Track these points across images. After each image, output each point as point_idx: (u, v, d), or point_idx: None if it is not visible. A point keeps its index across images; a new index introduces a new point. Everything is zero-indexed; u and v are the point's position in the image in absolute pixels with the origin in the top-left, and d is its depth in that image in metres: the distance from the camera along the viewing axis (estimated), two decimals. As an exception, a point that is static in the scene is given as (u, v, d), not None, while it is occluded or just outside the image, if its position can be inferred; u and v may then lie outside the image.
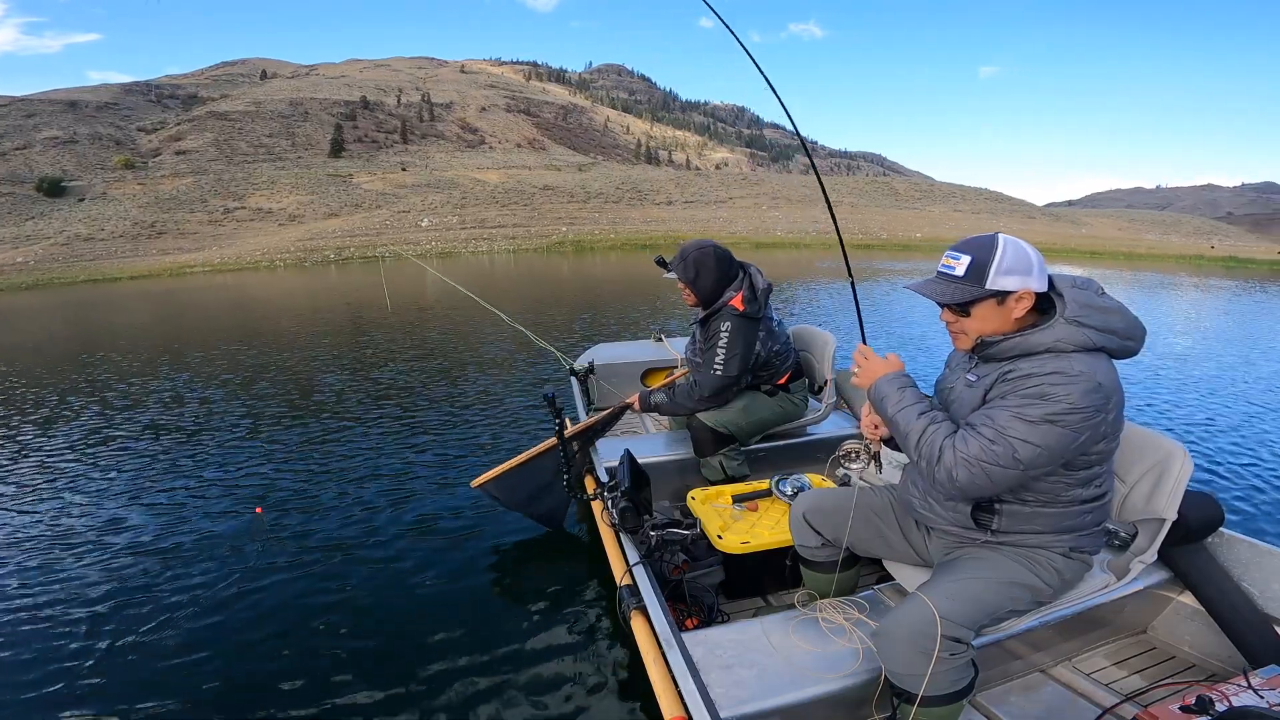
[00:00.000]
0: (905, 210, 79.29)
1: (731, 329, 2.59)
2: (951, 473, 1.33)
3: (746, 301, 2.59)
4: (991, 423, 1.32)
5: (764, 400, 2.80)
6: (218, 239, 53.09)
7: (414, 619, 2.52)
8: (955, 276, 1.38)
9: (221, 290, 21.73)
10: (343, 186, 71.71)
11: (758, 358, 2.68)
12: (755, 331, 2.64)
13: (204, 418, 5.50)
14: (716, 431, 2.71)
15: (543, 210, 64.75)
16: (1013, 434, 1.29)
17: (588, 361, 4.06)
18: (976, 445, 1.32)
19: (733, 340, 2.58)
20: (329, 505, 3.59)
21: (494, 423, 5.05)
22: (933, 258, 32.05)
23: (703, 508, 2.33)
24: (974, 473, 1.31)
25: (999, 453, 1.29)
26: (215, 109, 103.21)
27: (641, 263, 26.50)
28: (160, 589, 2.81)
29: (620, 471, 2.31)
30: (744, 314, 2.59)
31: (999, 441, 1.29)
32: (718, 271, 2.62)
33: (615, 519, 2.13)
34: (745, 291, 2.61)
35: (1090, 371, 1.29)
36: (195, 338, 10.68)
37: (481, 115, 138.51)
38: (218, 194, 65.94)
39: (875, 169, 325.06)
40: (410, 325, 10.56)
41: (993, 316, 1.39)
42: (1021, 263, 1.34)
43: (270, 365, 7.69)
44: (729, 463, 2.75)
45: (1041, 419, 1.27)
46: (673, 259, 2.67)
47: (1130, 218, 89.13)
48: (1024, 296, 1.35)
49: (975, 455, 1.31)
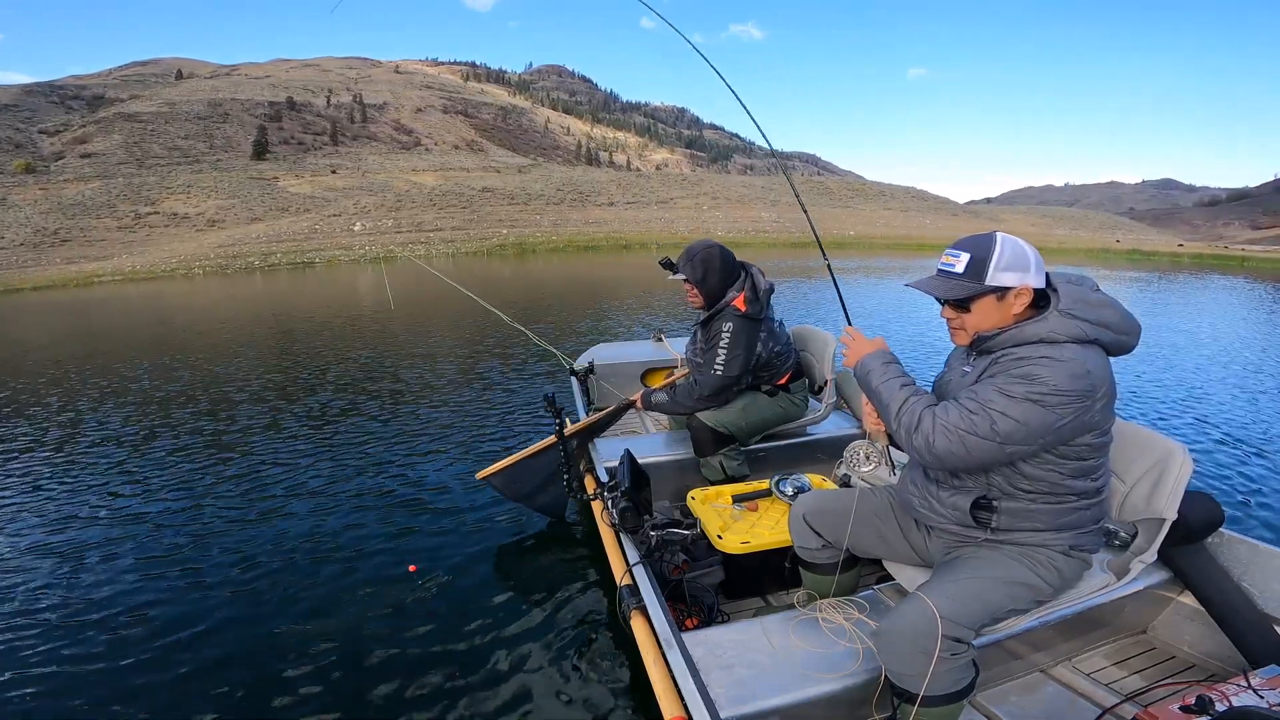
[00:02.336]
0: (839, 209, 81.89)
1: (733, 330, 2.59)
2: (929, 439, 1.35)
3: (749, 302, 2.60)
4: (975, 396, 1.36)
5: (764, 400, 2.80)
6: (129, 246, 49.63)
7: (413, 619, 2.51)
8: (955, 273, 1.41)
9: (138, 300, 20.32)
10: (267, 190, 68.28)
11: (759, 358, 2.69)
12: (757, 332, 2.66)
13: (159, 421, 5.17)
14: (716, 431, 2.71)
15: (482, 213, 63.57)
16: (993, 406, 1.31)
17: (588, 361, 4.06)
18: (957, 414, 1.34)
19: (734, 341, 2.59)
20: (327, 505, 3.58)
21: (494, 422, 5.01)
22: (865, 254, 33.32)
23: (703, 508, 2.33)
24: (951, 440, 1.33)
25: (977, 422, 1.32)
26: (124, 110, 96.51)
27: (586, 265, 26.43)
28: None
29: (620, 471, 2.30)
30: (746, 315, 2.60)
31: (979, 413, 1.32)
32: (723, 271, 2.63)
33: (615, 519, 2.12)
34: (748, 292, 2.62)
35: (1080, 359, 1.31)
36: (110, 349, 9.97)
37: (417, 116, 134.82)
38: (127, 199, 61.67)
39: (810, 169, 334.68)
40: (408, 326, 10.35)
41: (992, 312, 1.41)
42: (1020, 260, 1.37)
43: (255, 369, 7.28)
44: (729, 463, 2.75)
45: (1023, 396, 1.29)
46: (679, 259, 2.67)
47: (1042, 214, 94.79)
48: (1022, 293, 1.38)
49: (954, 423, 1.33)
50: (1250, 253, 42.44)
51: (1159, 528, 1.67)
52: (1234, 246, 59.14)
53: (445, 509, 3.48)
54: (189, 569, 2.97)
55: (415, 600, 2.63)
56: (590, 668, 2.21)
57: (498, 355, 7.71)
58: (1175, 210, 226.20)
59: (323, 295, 18.28)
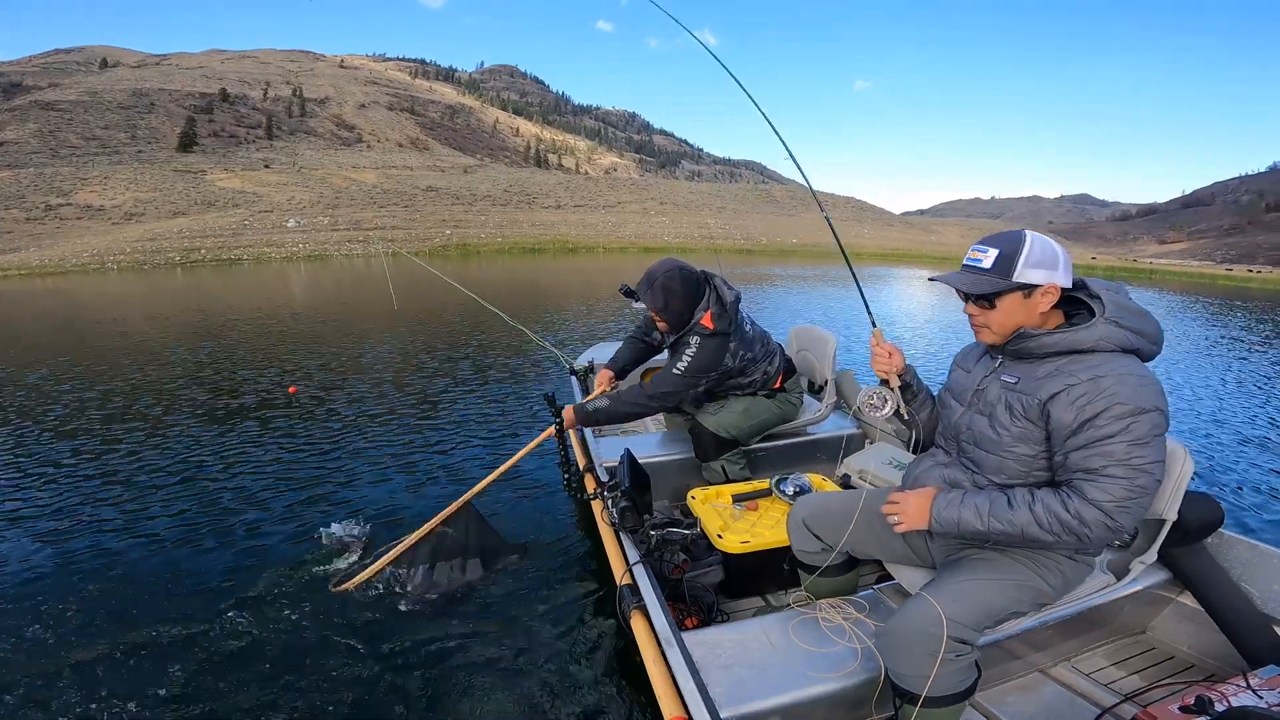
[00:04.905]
0: (783, 217, 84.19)
1: (699, 344, 2.55)
2: (1106, 524, 1.28)
3: (716, 318, 2.55)
4: (1111, 458, 1.28)
5: (764, 403, 2.79)
6: (37, 238, 46.35)
7: (413, 618, 2.47)
8: (982, 269, 1.37)
9: (47, 296, 19.03)
10: (192, 183, 64.95)
11: (728, 369, 2.64)
12: (726, 344, 2.59)
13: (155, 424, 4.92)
14: (719, 436, 2.69)
15: (425, 212, 62.34)
16: (1140, 461, 1.26)
17: (588, 361, 4.02)
18: (1117, 487, 1.27)
19: (699, 353, 2.55)
20: (320, 508, 3.47)
21: (494, 424, 4.95)
22: (808, 263, 33.86)
23: (703, 507, 2.31)
24: (1131, 510, 1.27)
25: (1144, 484, 1.27)
26: (42, 98, 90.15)
27: (528, 267, 26.07)
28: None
29: (620, 471, 2.27)
30: (714, 332, 2.55)
31: (1137, 474, 1.26)
32: (685, 296, 2.55)
33: (615, 519, 2.09)
34: (714, 308, 2.56)
35: (1147, 373, 1.31)
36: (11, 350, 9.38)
37: (360, 112, 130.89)
38: (38, 189, 57.63)
39: (756, 177, 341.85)
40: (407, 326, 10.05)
41: (1017, 310, 1.37)
42: (1048, 257, 1.33)
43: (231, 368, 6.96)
44: (731, 467, 2.74)
45: (1149, 435, 1.26)
46: (638, 286, 2.60)
47: (970, 225, 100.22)
48: (1049, 291, 1.34)
49: (1123, 497, 1.26)
50: (1157, 265, 45.86)
51: (1159, 528, 1.66)
52: (1143, 260, 63.82)
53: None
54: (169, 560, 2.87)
55: (414, 599, 2.57)
56: (590, 667, 2.18)
57: (483, 352, 7.72)
58: (1090, 225, 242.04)
59: (248, 292, 17.60)
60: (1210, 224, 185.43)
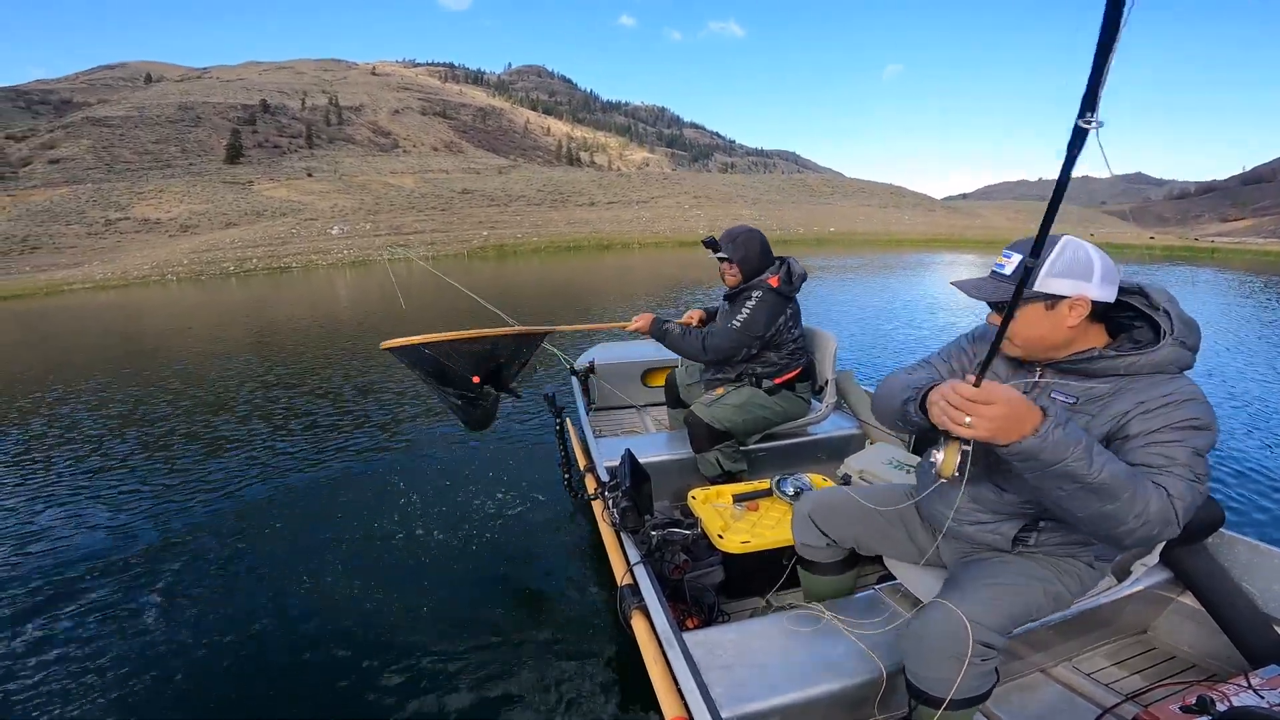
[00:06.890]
0: (819, 205, 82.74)
1: (761, 297, 2.69)
2: (1167, 517, 1.18)
3: (782, 282, 2.73)
4: (1174, 461, 1.21)
5: (763, 398, 2.80)
6: (99, 253, 48.70)
7: (412, 618, 2.48)
8: (1004, 275, 1.27)
9: (108, 309, 19.83)
10: (241, 194, 67.44)
11: (776, 333, 2.75)
12: (783, 307, 2.73)
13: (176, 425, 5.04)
14: (712, 428, 2.73)
15: (462, 214, 63.29)
16: (1200, 470, 1.23)
17: (589, 361, 4.02)
18: (1183, 486, 1.20)
19: (759, 305, 2.68)
20: (321, 506, 3.51)
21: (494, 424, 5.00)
22: (845, 252, 33.43)
23: (703, 507, 2.33)
24: (1187, 509, 1.20)
25: (1201, 490, 1.22)
26: (92, 114, 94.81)
27: (564, 267, 26.24)
28: None
29: (621, 471, 2.29)
30: (777, 289, 2.70)
31: (1199, 480, 1.22)
32: (762, 254, 2.77)
33: (616, 519, 2.11)
34: (782, 275, 2.75)
35: (1204, 395, 1.27)
36: (77, 360, 9.73)
37: (394, 118, 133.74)
38: (98, 204, 60.58)
39: (790, 166, 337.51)
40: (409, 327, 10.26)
41: (1039, 322, 1.27)
42: (1079, 267, 1.22)
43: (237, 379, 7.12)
44: (725, 459, 2.77)
45: (1206, 449, 1.23)
46: (720, 238, 2.81)
47: (1018, 208, 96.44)
48: (1078, 304, 1.23)
49: (1186, 496, 1.20)
50: (1219, 244, 43.60)
51: None
52: (1204, 239, 60.66)
53: (443, 509, 3.43)
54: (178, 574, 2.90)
55: (411, 601, 2.61)
56: (590, 667, 2.20)
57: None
58: (1148, 204, 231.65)
59: (305, 299, 18.01)
60: (1274, 200, 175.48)
